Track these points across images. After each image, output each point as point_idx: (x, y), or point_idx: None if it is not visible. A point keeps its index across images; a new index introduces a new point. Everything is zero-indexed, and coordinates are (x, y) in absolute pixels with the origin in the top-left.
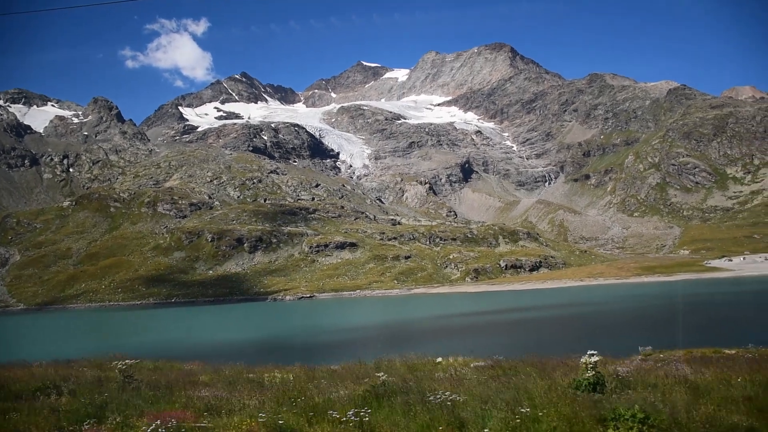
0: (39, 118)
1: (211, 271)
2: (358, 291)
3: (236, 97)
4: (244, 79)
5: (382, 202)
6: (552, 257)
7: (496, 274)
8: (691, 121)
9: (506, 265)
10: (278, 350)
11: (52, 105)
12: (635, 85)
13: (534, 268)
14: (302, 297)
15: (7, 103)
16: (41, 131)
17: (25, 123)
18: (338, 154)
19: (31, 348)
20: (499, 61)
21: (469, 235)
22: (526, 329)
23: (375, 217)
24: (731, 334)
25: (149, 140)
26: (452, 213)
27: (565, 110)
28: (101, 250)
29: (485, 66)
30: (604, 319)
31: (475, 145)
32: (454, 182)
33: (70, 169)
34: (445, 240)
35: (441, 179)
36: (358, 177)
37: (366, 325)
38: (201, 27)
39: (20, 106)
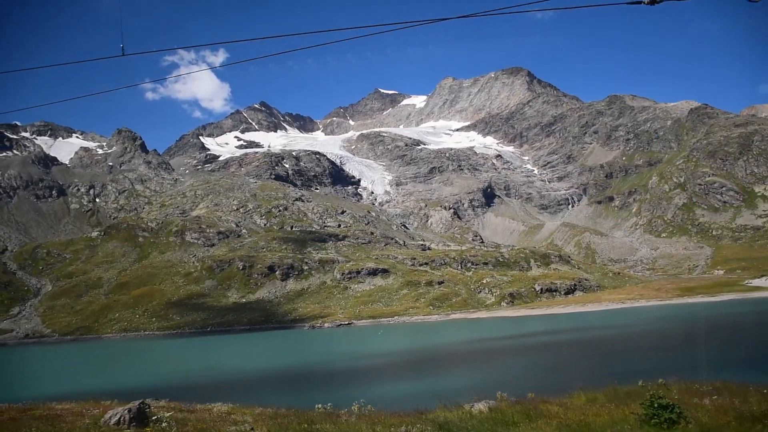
0: (64, 149)
1: (243, 299)
2: (396, 317)
3: (256, 127)
4: (263, 109)
5: (407, 228)
6: (586, 280)
7: (532, 298)
8: (715, 140)
9: (541, 289)
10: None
11: (77, 136)
12: (655, 105)
13: (569, 291)
14: (340, 324)
15: (33, 136)
16: (67, 162)
17: (52, 155)
18: (359, 180)
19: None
20: (516, 85)
21: (501, 259)
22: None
23: (405, 243)
24: None
25: (174, 170)
26: (478, 237)
27: (586, 132)
28: (131, 279)
29: (503, 90)
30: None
31: (496, 169)
32: (477, 207)
33: (97, 199)
34: (476, 264)
35: (463, 204)
36: (380, 203)
37: (463, 345)
38: (219, 58)
39: (46, 138)
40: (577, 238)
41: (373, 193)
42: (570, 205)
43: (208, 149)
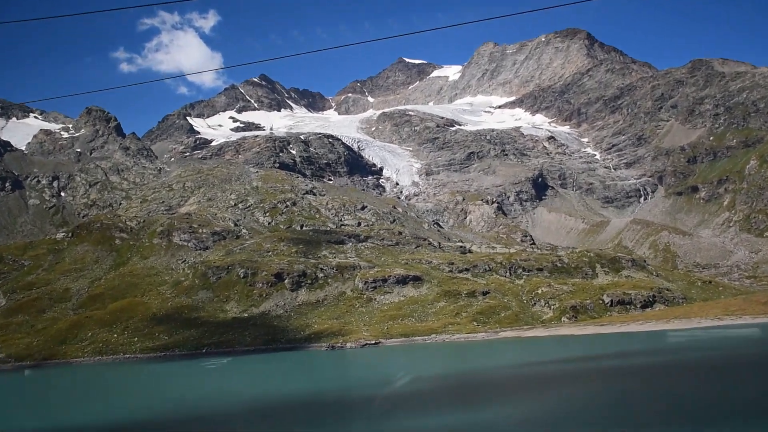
0: (20, 132)
1: (246, 314)
2: (434, 335)
3: (255, 105)
4: (263, 83)
5: (441, 227)
6: (668, 290)
7: (600, 312)
8: None
9: (611, 301)
10: None
11: (35, 117)
12: (753, 70)
13: (646, 304)
14: (366, 344)
15: None
16: (23, 148)
17: (4, 138)
18: (381, 169)
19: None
20: (572, 50)
21: (558, 264)
22: None
23: (440, 244)
24: None
25: (157, 157)
26: (528, 238)
27: (661, 107)
28: (107, 290)
29: (555, 57)
30: None
31: (548, 154)
32: (525, 201)
33: (62, 194)
34: (528, 271)
35: (509, 197)
36: (407, 197)
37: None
38: (209, 21)
39: None
40: (651, 238)
41: (398, 184)
42: (642, 198)
43: (198, 132)
